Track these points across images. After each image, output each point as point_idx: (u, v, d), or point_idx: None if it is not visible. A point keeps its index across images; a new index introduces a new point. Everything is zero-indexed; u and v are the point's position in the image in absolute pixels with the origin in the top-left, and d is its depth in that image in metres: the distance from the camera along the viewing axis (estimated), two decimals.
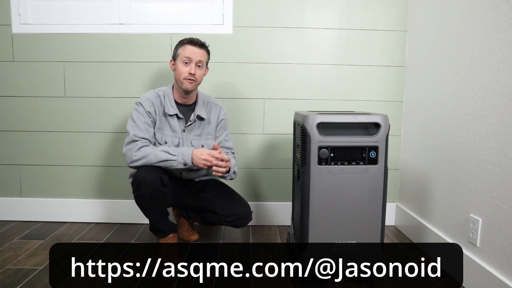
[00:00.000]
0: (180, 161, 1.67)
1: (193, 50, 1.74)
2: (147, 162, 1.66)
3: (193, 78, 1.74)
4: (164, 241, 1.80)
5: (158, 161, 1.66)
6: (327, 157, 1.50)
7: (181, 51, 1.76)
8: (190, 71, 1.73)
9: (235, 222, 1.82)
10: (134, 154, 1.67)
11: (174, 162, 1.66)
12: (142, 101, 1.77)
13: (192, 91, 1.81)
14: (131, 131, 1.72)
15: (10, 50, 2.21)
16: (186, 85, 1.75)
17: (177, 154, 1.67)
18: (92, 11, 2.19)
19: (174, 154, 1.67)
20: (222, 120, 1.92)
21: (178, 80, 1.77)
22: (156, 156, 1.66)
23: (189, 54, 1.73)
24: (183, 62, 1.74)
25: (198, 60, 1.75)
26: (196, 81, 1.76)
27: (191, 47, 1.75)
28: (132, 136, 1.71)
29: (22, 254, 1.84)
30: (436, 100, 1.87)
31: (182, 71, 1.74)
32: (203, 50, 1.77)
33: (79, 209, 2.31)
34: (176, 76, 1.78)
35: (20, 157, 2.29)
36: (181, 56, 1.75)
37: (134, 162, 1.68)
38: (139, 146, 1.69)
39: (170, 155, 1.66)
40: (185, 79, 1.74)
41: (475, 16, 1.57)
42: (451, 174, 1.73)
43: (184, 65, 1.74)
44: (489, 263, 1.46)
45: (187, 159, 1.67)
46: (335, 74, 2.25)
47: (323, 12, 2.21)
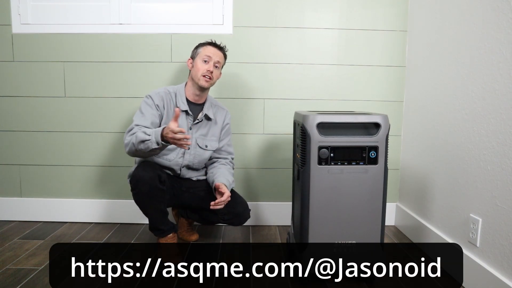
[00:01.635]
0: (153, 140, 1.59)
1: (214, 50, 1.82)
2: (134, 146, 1.63)
3: (210, 75, 1.79)
4: (164, 241, 1.80)
5: (138, 141, 1.61)
6: (327, 157, 1.50)
7: (202, 50, 1.82)
8: (209, 69, 1.79)
9: (233, 220, 1.83)
10: (126, 139, 1.67)
11: (149, 142, 1.59)
12: (152, 94, 1.80)
13: (206, 90, 1.86)
14: (135, 121, 1.72)
15: (10, 50, 2.21)
16: (202, 82, 1.79)
17: (151, 133, 1.60)
18: (92, 11, 2.19)
19: (149, 134, 1.61)
20: (227, 125, 1.96)
21: (195, 77, 1.80)
22: (136, 137, 1.62)
23: (209, 53, 1.80)
24: (202, 60, 1.80)
25: (217, 60, 1.82)
26: (212, 79, 1.81)
27: (212, 47, 1.83)
28: (133, 125, 1.70)
29: (22, 254, 1.84)
30: (436, 100, 1.87)
31: (201, 68, 1.78)
32: (222, 53, 1.86)
33: (79, 209, 2.31)
34: (193, 73, 1.82)
35: (20, 157, 2.29)
36: (202, 54, 1.80)
37: (126, 147, 1.67)
38: (133, 132, 1.67)
39: (147, 135, 1.60)
40: (202, 76, 1.78)
41: (475, 16, 1.57)
42: (451, 174, 1.73)
43: (203, 63, 1.80)
44: (489, 263, 1.46)
45: (157, 136, 1.58)
46: (335, 74, 2.25)
47: (323, 12, 2.21)
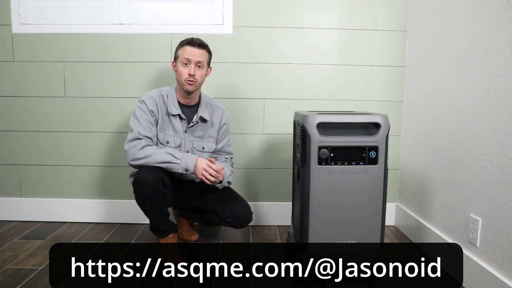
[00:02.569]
0: (183, 166, 1.67)
1: (192, 50, 1.73)
2: (149, 162, 1.66)
3: (192, 79, 1.73)
4: (164, 241, 1.80)
5: (161, 161, 1.66)
6: (327, 157, 1.50)
7: (181, 53, 1.75)
8: (190, 72, 1.72)
9: (235, 222, 1.82)
10: (138, 153, 1.67)
11: (176, 165, 1.67)
12: (145, 99, 1.77)
13: (194, 92, 1.81)
14: (135, 128, 1.71)
15: (10, 50, 2.21)
16: (186, 87, 1.75)
17: (181, 158, 1.67)
18: (92, 11, 2.19)
19: (179, 158, 1.67)
20: (225, 125, 1.93)
21: (179, 82, 1.77)
22: (160, 157, 1.65)
23: (187, 55, 1.73)
24: (182, 63, 1.74)
25: (197, 60, 1.74)
26: (196, 82, 1.75)
27: (190, 47, 1.73)
28: (136, 134, 1.70)
29: (22, 254, 1.84)
30: (436, 100, 1.87)
31: (182, 73, 1.73)
32: (202, 50, 1.76)
33: (79, 209, 2.31)
34: (177, 78, 1.78)
35: (20, 157, 2.29)
36: (181, 57, 1.74)
37: (136, 160, 1.67)
38: (143, 145, 1.68)
39: (174, 158, 1.66)
40: (185, 81, 1.74)
41: (475, 16, 1.57)
42: (451, 174, 1.73)
43: (184, 67, 1.74)
44: (489, 263, 1.46)
45: (190, 165, 1.68)
46: (335, 74, 2.25)
47: (323, 12, 2.21)
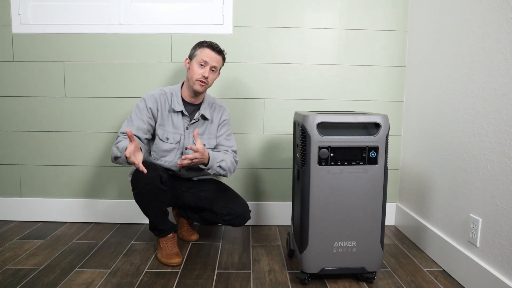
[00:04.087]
0: (123, 158, 1.62)
1: (211, 54, 1.76)
2: (113, 160, 1.68)
3: (205, 81, 1.76)
4: (164, 240, 1.80)
5: (113, 156, 1.66)
6: (327, 157, 1.50)
7: (199, 53, 1.76)
8: (204, 74, 1.74)
9: (233, 220, 1.83)
10: (112, 149, 1.68)
11: (120, 159, 1.64)
12: (146, 97, 1.80)
13: (202, 93, 1.84)
14: (122, 128, 1.76)
15: (10, 50, 2.21)
16: (197, 87, 1.77)
17: (122, 150, 1.63)
18: (92, 11, 2.19)
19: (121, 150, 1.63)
20: (225, 120, 1.93)
21: (190, 80, 1.78)
22: (112, 151, 1.67)
23: (206, 58, 1.75)
24: (198, 64, 1.76)
25: (213, 65, 1.77)
26: (207, 84, 1.78)
27: (210, 51, 1.76)
28: (119, 133, 1.74)
29: (22, 254, 1.84)
30: (436, 100, 1.87)
31: (196, 72, 1.75)
32: (220, 57, 1.79)
33: (79, 209, 2.31)
34: (189, 76, 1.79)
35: (20, 157, 2.29)
36: (198, 57, 1.76)
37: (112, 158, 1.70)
38: (118, 141, 1.69)
39: (118, 152, 1.64)
40: (197, 81, 1.76)
41: (475, 16, 1.57)
42: (451, 174, 1.73)
43: (199, 67, 1.76)
44: (489, 263, 1.46)
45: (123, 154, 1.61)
46: (335, 74, 2.25)
47: (323, 12, 2.21)
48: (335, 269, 1.55)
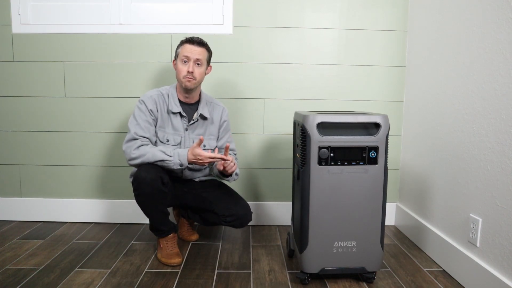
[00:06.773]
0: (176, 162, 1.69)
1: (191, 48, 1.76)
2: (145, 161, 1.68)
3: (191, 76, 1.75)
4: (164, 241, 1.80)
5: (155, 160, 1.68)
6: (327, 157, 1.50)
7: (180, 51, 1.78)
8: (188, 69, 1.74)
9: (234, 222, 1.82)
10: (133, 152, 1.70)
11: (170, 162, 1.69)
12: (144, 99, 1.79)
13: (194, 90, 1.83)
14: (132, 129, 1.74)
15: (10, 50, 2.21)
16: (185, 84, 1.77)
17: (173, 155, 1.69)
18: (92, 11, 2.19)
19: (171, 155, 1.69)
20: (225, 122, 1.94)
21: (179, 79, 1.79)
22: (153, 156, 1.68)
23: (187, 53, 1.75)
24: (182, 61, 1.76)
25: (196, 58, 1.76)
26: (195, 79, 1.77)
27: (189, 45, 1.76)
28: (133, 134, 1.73)
29: (22, 254, 1.84)
30: (436, 100, 1.87)
31: (181, 70, 1.76)
32: (201, 48, 1.78)
33: (79, 209, 2.31)
34: (176, 76, 1.80)
35: (20, 157, 2.29)
36: (180, 55, 1.77)
37: (132, 160, 1.71)
38: (138, 145, 1.71)
39: (166, 156, 1.69)
40: (184, 78, 1.76)
41: (475, 16, 1.57)
42: (451, 174, 1.73)
43: (183, 64, 1.76)
44: (489, 263, 1.46)
45: (183, 159, 1.69)
46: (335, 74, 2.25)
47: (323, 12, 2.21)
48: (335, 269, 1.55)
